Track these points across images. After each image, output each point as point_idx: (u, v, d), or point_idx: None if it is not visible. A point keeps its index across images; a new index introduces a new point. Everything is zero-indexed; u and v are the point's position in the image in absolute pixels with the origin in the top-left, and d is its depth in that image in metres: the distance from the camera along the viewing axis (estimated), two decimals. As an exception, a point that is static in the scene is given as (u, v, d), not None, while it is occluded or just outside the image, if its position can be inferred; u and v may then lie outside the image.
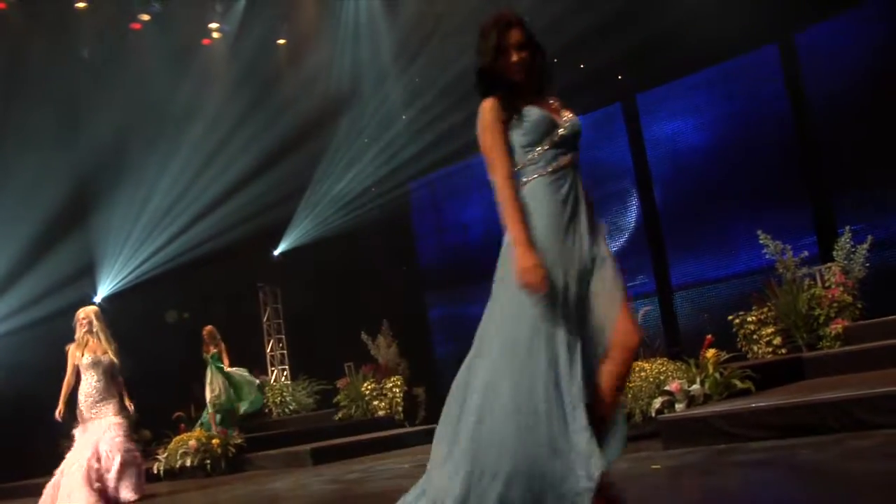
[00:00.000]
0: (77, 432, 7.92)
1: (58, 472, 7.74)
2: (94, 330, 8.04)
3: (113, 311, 13.77)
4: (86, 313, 8.14)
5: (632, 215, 12.72)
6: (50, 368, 12.42)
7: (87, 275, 13.80)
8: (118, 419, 7.95)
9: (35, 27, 12.50)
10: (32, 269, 12.90)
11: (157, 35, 13.29)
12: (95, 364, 7.92)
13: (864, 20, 10.27)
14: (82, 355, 7.96)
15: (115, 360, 8.03)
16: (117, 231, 13.90)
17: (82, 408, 7.89)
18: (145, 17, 13.20)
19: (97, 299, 14.17)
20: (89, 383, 7.89)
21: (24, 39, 12.39)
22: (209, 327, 11.65)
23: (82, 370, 7.93)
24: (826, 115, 10.62)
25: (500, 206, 3.04)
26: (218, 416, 11.13)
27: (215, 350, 11.49)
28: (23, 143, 12.29)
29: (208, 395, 11.19)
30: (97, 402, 7.88)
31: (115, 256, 14.05)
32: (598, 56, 11.72)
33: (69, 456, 7.80)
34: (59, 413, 7.85)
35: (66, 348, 8.07)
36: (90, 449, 7.67)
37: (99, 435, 7.77)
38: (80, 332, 8.05)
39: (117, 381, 8.16)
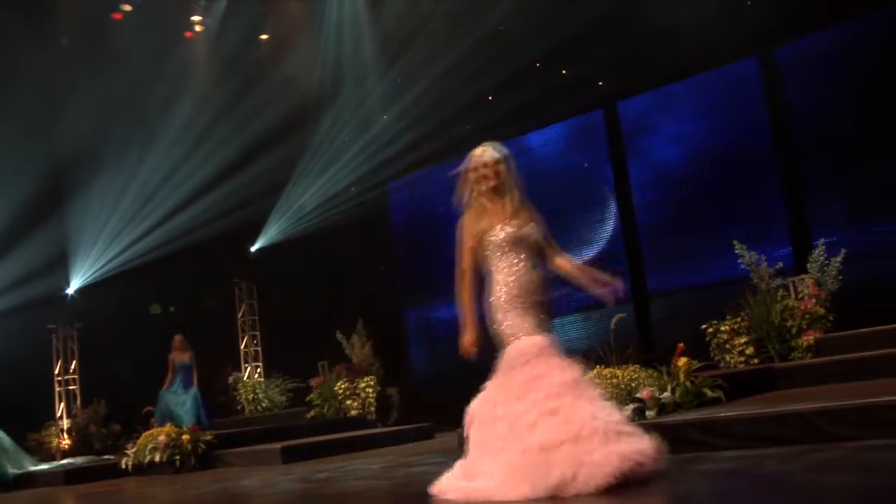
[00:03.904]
0: (514, 357, 4.31)
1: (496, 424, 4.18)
2: (507, 183, 4.61)
3: (85, 303, 13.70)
4: (492, 155, 4.59)
5: (610, 222, 12.76)
6: (18, 361, 12.35)
7: (59, 266, 13.68)
8: (550, 341, 4.29)
9: (14, 12, 12.38)
10: (2, 259, 12.76)
11: (138, 26, 13.20)
12: (519, 241, 4.43)
13: (844, 37, 10.36)
14: (490, 228, 4.50)
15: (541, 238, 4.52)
16: (92, 223, 13.78)
17: (506, 312, 4.37)
18: (127, 8, 13.11)
19: (70, 291, 14.05)
20: (518, 274, 4.38)
21: (2, 25, 12.26)
22: None
23: (494, 254, 4.48)
24: (804, 128, 10.71)
25: None
26: None
27: None
28: (-3, 129, 12.18)
29: None
30: (535, 304, 4.38)
31: (89, 248, 13.93)
32: (580, 63, 11.78)
33: (492, 398, 4.31)
34: (470, 345, 4.53)
35: (459, 225, 4.76)
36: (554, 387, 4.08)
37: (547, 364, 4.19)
38: (476, 190, 4.64)
39: None
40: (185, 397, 11.82)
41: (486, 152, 4.59)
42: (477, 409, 4.33)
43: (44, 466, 11.31)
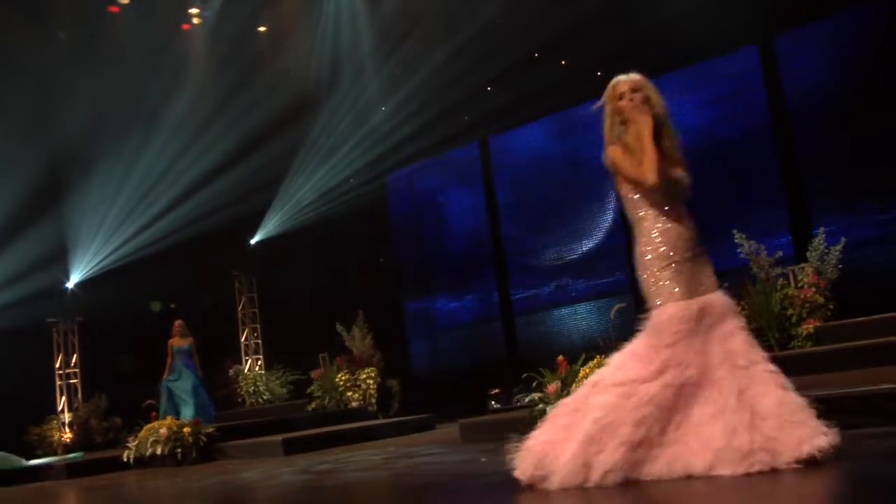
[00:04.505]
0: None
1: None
2: (660, 115, 3.99)
3: (85, 297, 13.70)
4: (632, 82, 4.06)
5: (609, 212, 12.76)
6: (19, 355, 12.36)
7: (59, 260, 13.68)
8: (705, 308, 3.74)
9: (11, 6, 12.35)
10: (2, 253, 12.75)
11: (135, 19, 13.18)
12: (671, 187, 3.90)
13: (846, 26, 10.35)
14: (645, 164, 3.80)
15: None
16: (91, 216, 13.78)
17: (655, 269, 3.80)
18: (124, 1, 13.09)
19: (70, 285, 14.05)
20: (669, 225, 3.87)
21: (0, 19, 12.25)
22: None
23: (643, 200, 3.90)
24: (804, 117, 10.69)
25: None
26: None
27: None
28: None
29: None
30: (688, 261, 3.83)
31: (89, 242, 13.93)
32: (579, 53, 11.74)
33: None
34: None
35: (608, 157, 3.94)
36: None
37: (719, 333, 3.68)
38: (618, 122, 4.01)
39: None
40: (186, 384, 11.72)
41: (624, 79, 4.07)
42: (602, 374, 3.84)
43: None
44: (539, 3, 11.59)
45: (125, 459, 10.24)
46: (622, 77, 4.06)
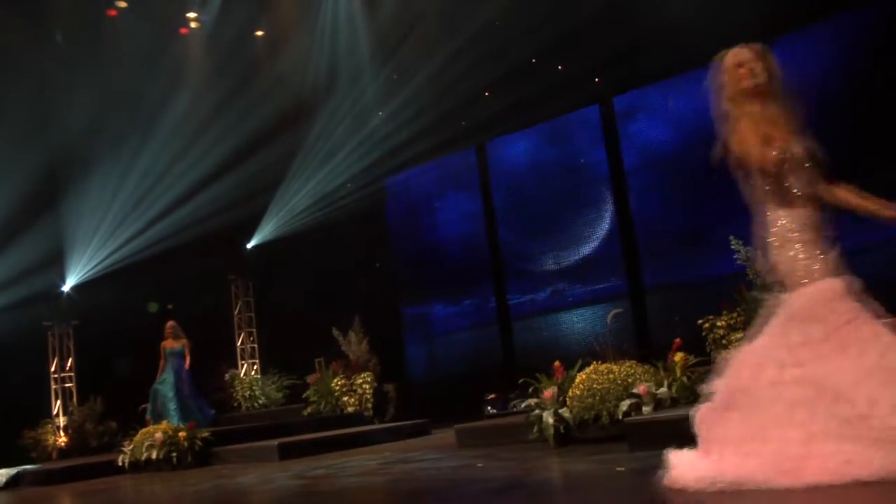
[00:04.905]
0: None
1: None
2: (770, 85, 3.90)
3: (81, 300, 13.67)
4: (744, 52, 3.97)
5: (606, 216, 12.75)
6: (14, 359, 12.33)
7: (55, 263, 13.66)
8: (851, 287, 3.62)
9: (10, 7, 12.34)
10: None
11: (133, 23, 13.18)
12: (800, 163, 3.81)
13: (841, 28, 10.37)
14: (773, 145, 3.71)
15: None
16: (88, 220, 13.76)
17: (792, 249, 3.68)
18: (122, 4, 13.09)
19: (66, 288, 14.03)
20: (800, 204, 3.79)
21: (-1, 22, 12.26)
22: None
23: (770, 179, 3.78)
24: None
25: None
26: None
27: None
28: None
29: None
30: (822, 241, 3.77)
31: (85, 246, 13.91)
32: (576, 58, 11.75)
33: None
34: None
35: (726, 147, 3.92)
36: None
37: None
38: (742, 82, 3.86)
39: None
40: (169, 390, 11.64)
41: (737, 51, 3.89)
42: (745, 371, 3.48)
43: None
44: (537, 7, 11.60)
45: (120, 464, 10.23)
46: (728, 51, 3.93)
